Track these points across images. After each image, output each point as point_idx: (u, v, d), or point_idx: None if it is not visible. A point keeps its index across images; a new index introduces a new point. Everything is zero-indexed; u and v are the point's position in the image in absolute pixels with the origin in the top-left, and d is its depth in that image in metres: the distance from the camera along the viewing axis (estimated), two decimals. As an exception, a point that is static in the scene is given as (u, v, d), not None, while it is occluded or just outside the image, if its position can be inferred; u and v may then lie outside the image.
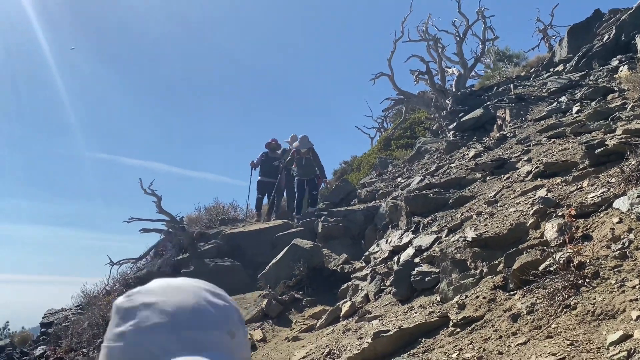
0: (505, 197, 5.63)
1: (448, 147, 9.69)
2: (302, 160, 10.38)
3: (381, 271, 6.00)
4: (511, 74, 14.86)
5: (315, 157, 10.72)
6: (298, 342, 5.52)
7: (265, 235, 9.65)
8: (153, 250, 10.27)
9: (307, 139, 10.60)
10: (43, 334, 9.34)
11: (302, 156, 10.35)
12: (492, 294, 3.82)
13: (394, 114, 19.54)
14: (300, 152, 10.36)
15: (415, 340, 3.97)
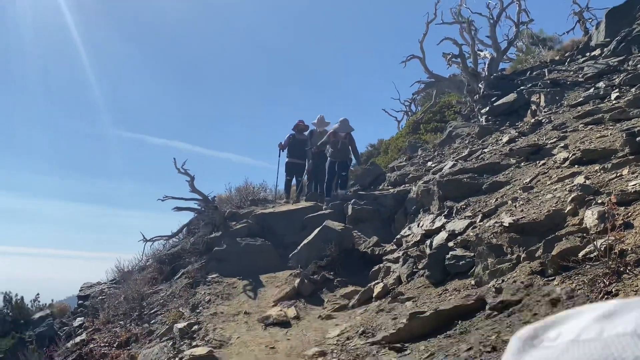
0: (541, 184, 5.61)
1: (480, 132, 9.62)
2: (338, 143, 10.18)
3: (413, 254, 6.06)
4: (545, 58, 14.56)
5: (352, 143, 10.57)
6: (331, 320, 5.65)
7: (295, 216, 9.76)
8: (185, 228, 10.50)
9: (348, 123, 10.38)
10: (80, 306, 9.69)
11: (338, 139, 10.14)
12: (529, 279, 3.86)
13: (423, 97, 19.37)
14: (338, 134, 10.14)
15: (451, 322, 4.04)
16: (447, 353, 3.49)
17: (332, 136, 10.20)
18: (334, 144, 10.17)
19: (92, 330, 7.91)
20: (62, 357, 7.23)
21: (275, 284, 7.47)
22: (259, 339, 5.46)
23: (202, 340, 5.53)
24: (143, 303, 7.98)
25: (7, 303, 13.64)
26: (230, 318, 6.34)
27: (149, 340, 6.43)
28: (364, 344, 4.48)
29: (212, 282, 7.74)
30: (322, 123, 11.38)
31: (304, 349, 4.88)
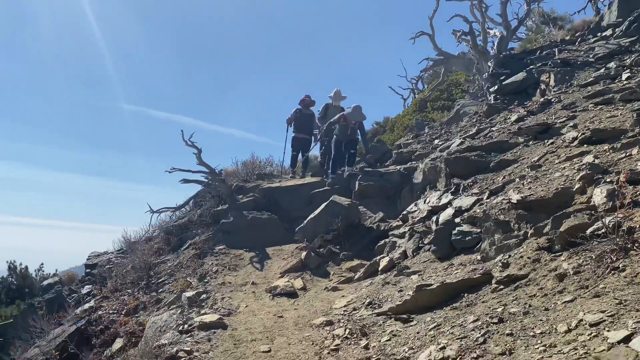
0: (549, 162, 5.63)
1: (489, 111, 9.60)
2: (347, 129, 10.00)
3: (419, 230, 6.13)
4: (555, 37, 14.40)
5: (362, 130, 10.43)
6: (337, 292, 5.75)
7: (302, 191, 9.83)
8: (192, 201, 10.58)
9: (360, 111, 10.17)
10: (88, 275, 9.84)
11: (348, 125, 9.96)
12: (536, 255, 3.92)
13: (430, 75, 19.24)
14: (349, 120, 9.95)
15: (457, 295, 4.12)
16: (453, 323, 3.57)
17: (343, 119, 10.02)
18: (343, 128, 10.02)
19: (100, 298, 8.06)
20: (71, 322, 7.38)
21: (282, 257, 7.58)
22: (267, 308, 5.57)
23: (211, 308, 5.64)
24: (150, 272, 8.11)
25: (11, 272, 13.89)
26: (238, 288, 6.45)
27: (157, 308, 6.56)
28: (370, 315, 4.58)
29: (219, 254, 7.85)
30: (338, 97, 11.25)
31: (311, 319, 4.98)
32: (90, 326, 6.91)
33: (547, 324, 2.95)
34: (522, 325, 3.06)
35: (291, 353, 4.29)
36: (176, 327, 5.15)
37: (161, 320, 5.62)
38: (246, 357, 4.35)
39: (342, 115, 10.05)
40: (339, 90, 11.30)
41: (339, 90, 11.30)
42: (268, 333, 4.81)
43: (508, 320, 3.22)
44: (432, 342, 3.43)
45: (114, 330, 6.53)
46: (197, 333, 4.89)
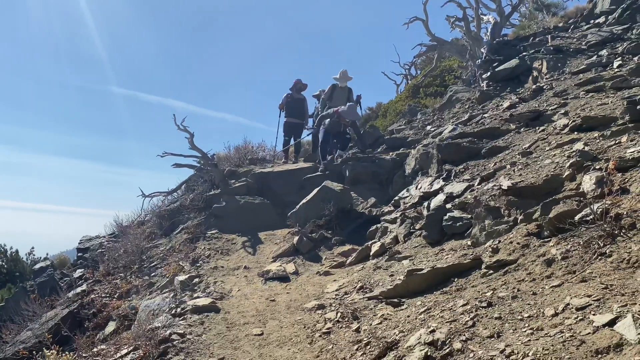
0: (540, 149, 5.68)
1: (481, 97, 9.63)
2: (340, 125, 9.76)
3: (411, 215, 6.18)
4: (548, 24, 14.41)
5: (355, 129, 10.20)
6: (329, 276, 5.80)
7: (294, 176, 9.85)
8: (184, 185, 10.58)
9: (355, 110, 9.96)
10: (80, 258, 9.85)
11: (341, 122, 9.72)
12: (526, 240, 3.98)
13: (423, 61, 19.21)
14: (343, 118, 9.67)
15: (447, 279, 4.18)
16: (443, 307, 3.63)
17: (337, 116, 9.74)
18: (335, 124, 9.77)
19: (92, 282, 8.09)
20: (63, 306, 7.40)
21: (274, 241, 7.62)
22: (259, 292, 5.62)
23: (203, 292, 5.68)
24: (143, 257, 8.14)
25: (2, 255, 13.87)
26: (230, 272, 6.49)
27: (150, 292, 6.60)
28: (362, 299, 4.63)
29: (211, 238, 7.88)
30: (345, 77, 10.95)
31: (303, 302, 5.04)
32: (82, 309, 6.94)
33: (535, 308, 3.01)
34: (511, 309, 3.12)
35: (283, 336, 4.34)
36: (169, 311, 5.19)
37: (154, 304, 5.65)
38: (239, 340, 4.40)
39: (336, 111, 9.85)
40: (346, 71, 10.96)
41: (346, 70, 10.96)
42: (260, 316, 4.86)
43: (497, 305, 3.28)
44: (422, 325, 3.49)
45: (107, 314, 6.57)
46: (190, 316, 4.93)
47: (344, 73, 10.95)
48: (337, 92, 10.85)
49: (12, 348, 6.60)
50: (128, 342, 4.71)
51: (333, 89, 10.93)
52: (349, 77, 11.00)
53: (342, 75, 10.94)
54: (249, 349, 4.22)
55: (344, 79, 10.92)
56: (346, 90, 10.85)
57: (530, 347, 2.60)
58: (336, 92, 10.87)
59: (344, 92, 10.77)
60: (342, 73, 10.95)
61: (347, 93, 10.81)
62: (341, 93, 10.78)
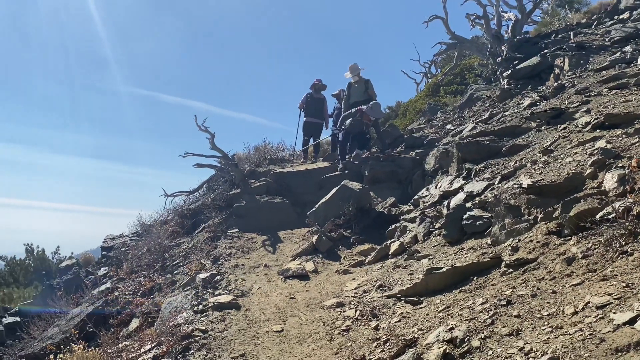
0: (561, 147, 5.63)
1: (502, 95, 9.55)
2: (362, 125, 9.66)
3: (430, 214, 6.17)
4: (571, 20, 14.21)
5: (377, 128, 10.14)
6: (348, 275, 5.83)
7: (313, 175, 9.90)
8: (206, 185, 10.71)
9: (379, 108, 9.82)
10: (104, 257, 10.05)
11: (364, 120, 9.60)
12: (546, 239, 3.96)
13: (444, 59, 19.11)
14: (366, 116, 9.55)
15: (466, 278, 4.18)
16: (462, 306, 3.63)
17: (359, 114, 9.62)
18: (357, 122, 9.65)
19: (116, 280, 8.24)
20: (88, 302, 7.57)
21: (293, 240, 7.68)
22: (279, 289, 5.68)
23: (225, 289, 5.76)
24: (165, 255, 8.27)
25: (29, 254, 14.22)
26: (251, 270, 6.57)
27: (172, 290, 6.71)
28: (381, 297, 4.65)
29: (232, 237, 7.97)
30: (355, 70, 10.56)
31: (322, 300, 5.08)
32: (107, 306, 7.09)
33: (555, 306, 3.00)
34: (530, 308, 3.12)
35: (303, 333, 4.39)
36: (191, 308, 5.28)
37: (176, 301, 5.75)
38: (259, 337, 4.46)
39: (359, 110, 9.70)
40: (354, 64, 10.58)
41: (354, 64, 10.58)
42: (280, 314, 4.92)
43: (516, 303, 3.27)
44: (441, 323, 3.50)
45: (130, 311, 6.70)
46: (211, 313, 5.01)
47: (353, 67, 10.57)
48: (354, 88, 10.55)
49: (40, 344, 6.77)
50: (151, 338, 4.81)
51: (349, 88, 10.64)
52: (359, 69, 10.59)
53: (351, 70, 10.58)
54: (269, 345, 4.28)
55: (354, 72, 10.55)
56: (362, 82, 10.47)
57: (549, 345, 2.60)
58: (353, 89, 10.57)
59: (361, 86, 10.43)
60: (351, 68, 10.59)
61: (363, 86, 10.43)
62: (357, 88, 10.47)
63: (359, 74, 10.53)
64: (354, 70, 10.54)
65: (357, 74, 10.52)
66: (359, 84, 10.46)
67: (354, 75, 10.54)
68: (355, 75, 10.53)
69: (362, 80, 10.46)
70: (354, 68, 10.54)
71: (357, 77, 10.52)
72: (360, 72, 10.54)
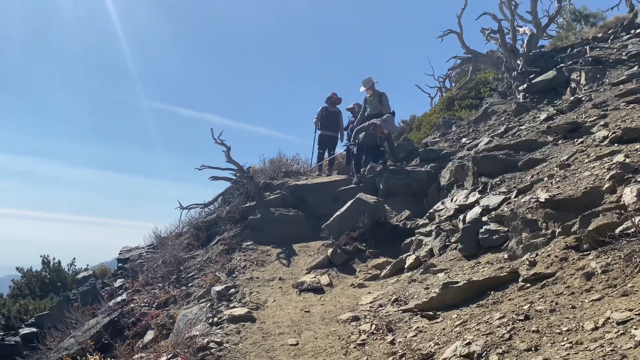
0: (578, 161, 5.59)
1: (517, 109, 9.51)
2: (376, 137, 9.65)
3: (446, 228, 6.15)
4: (587, 35, 14.15)
5: (390, 142, 10.16)
6: (363, 288, 5.82)
7: (328, 188, 9.91)
8: (221, 197, 10.77)
9: (393, 121, 9.83)
10: (120, 269, 10.13)
11: (377, 133, 9.62)
12: (564, 253, 3.92)
13: (458, 73, 19.10)
14: (380, 129, 9.56)
15: (483, 292, 4.14)
16: (479, 320, 3.60)
17: (373, 127, 9.62)
18: (371, 136, 9.65)
19: (132, 291, 8.29)
20: (104, 314, 7.62)
21: (308, 253, 7.68)
22: (294, 303, 5.68)
23: (239, 302, 5.78)
24: (180, 267, 8.31)
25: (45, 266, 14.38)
26: (266, 283, 6.58)
27: (187, 302, 6.74)
28: (396, 311, 4.63)
29: (247, 249, 8.00)
30: (369, 83, 10.58)
31: (337, 314, 5.06)
32: (122, 318, 7.13)
33: (574, 322, 2.97)
34: (549, 323, 3.09)
35: (318, 346, 4.38)
36: (206, 320, 5.30)
37: (191, 313, 5.77)
38: (274, 350, 4.45)
39: (373, 123, 9.70)
40: (368, 78, 10.60)
41: (368, 78, 10.59)
42: (295, 327, 4.91)
43: (534, 318, 3.24)
44: (458, 337, 3.47)
45: (146, 323, 6.73)
46: (226, 325, 5.02)
47: (366, 81, 10.60)
48: (369, 102, 10.62)
49: (56, 354, 6.83)
50: (167, 349, 4.83)
51: (365, 102, 10.74)
52: (372, 82, 10.61)
53: (364, 84, 10.62)
54: (284, 358, 4.27)
55: (367, 85, 10.59)
56: (377, 96, 10.52)
57: (569, 360, 2.57)
58: (368, 102, 10.65)
59: (375, 99, 10.48)
60: (364, 82, 10.63)
61: (377, 99, 10.48)
62: (373, 101, 10.52)
63: (371, 86, 10.57)
64: (366, 83, 10.60)
65: (369, 87, 10.57)
66: (374, 97, 10.53)
67: (367, 88, 10.60)
68: (367, 88, 10.59)
69: (376, 93, 10.54)
70: (366, 82, 10.60)
71: (371, 90, 10.58)
72: (373, 85, 10.57)
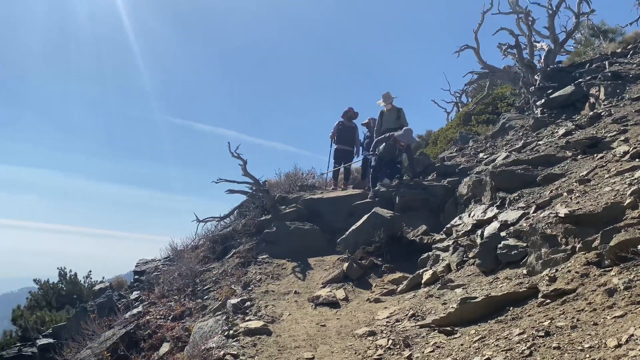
0: (598, 177, 5.52)
1: (535, 124, 9.44)
2: (395, 149, 9.61)
3: (464, 243, 6.09)
4: (605, 50, 14.04)
5: (409, 154, 10.17)
6: (380, 303, 5.77)
7: (343, 202, 9.90)
8: (237, 211, 10.82)
9: (411, 134, 9.78)
10: (136, 281, 10.18)
11: (396, 145, 9.58)
12: (585, 269, 3.86)
13: (475, 88, 19.06)
14: (399, 142, 9.53)
15: (502, 308, 4.08)
16: (498, 336, 3.55)
17: (392, 140, 9.61)
18: (390, 147, 9.62)
19: (148, 304, 8.32)
20: (120, 326, 7.65)
21: (323, 267, 7.66)
22: (310, 316, 5.65)
23: (255, 315, 5.77)
24: (196, 280, 8.33)
25: (62, 278, 14.51)
26: (281, 296, 6.56)
27: (203, 315, 6.74)
28: (413, 327, 4.58)
29: (262, 263, 8.00)
30: (388, 98, 10.75)
31: (353, 328, 5.03)
32: (138, 330, 7.15)
33: (596, 339, 2.91)
34: (570, 339, 3.03)
35: (334, 361, 4.34)
36: (222, 333, 5.29)
37: (207, 326, 5.77)
38: (290, 364, 4.43)
39: (392, 135, 9.71)
40: (387, 93, 10.79)
41: (387, 92, 10.80)
42: (311, 341, 4.88)
43: (555, 334, 3.18)
44: (477, 353, 3.42)
45: (161, 335, 6.74)
46: (242, 338, 5.01)
47: (386, 95, 10.76)
48: (386, 116, 10.74)
49: (73, 365, 6.87)
50: (183, 361, 4.82)
51: (382, 116, 10.83)
52: (392, 98, 10.77)
53: (384, 98, 10.77)
54: (300, 372, 4.24)
55: (387, 100, 10.74)
56: (394, 111, 10.65)
57: (591, 378, 2.51)
58: (385, 117, 10.76)
59: (393, 114, 10.62)
60: (384, 96, 10.77)
61: (395, 114, 10.61)
62: (390, 116, 10.65)
63: (392, 102, 10.68)
64: (387, 98, 10.71)
65: (390, 102, 10.68)
66: (391, 112, 10.64)
67: (387, 103, 10.69)
68: (388, 103, 10.68)
69: (394, 108, 10.66)
70: (387, 96, 10.72)
71: (390, 105, 10.68)
72: (393, 101, 10.64)
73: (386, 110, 10.74)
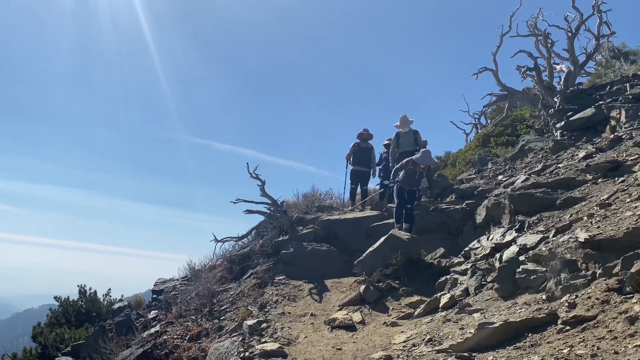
0: (619, 201, 5.45)
1: (555, 147, 9.37)
2: (415, 173, 9.28)
3: (482, 267, 6.03)
4: (626, 72, 13.92)
5: (429, 176, 10.17)
6: (396, 327, 5.72)
7: (360, 224, 9.88)
8: (254, 231, 10.86)
9: (429, 155, 9.44)
10: (154, 300, 10.23)
11: (416, 169, 9.26)
12: (605, 296, 3.79)
13: (494, 110, 19.00)
14: (418, 165, 9.21)
15: (520, 334, 4.02)
16: (517, 363, 3.49)
17: (411, 164, 9.28)
18: (410, 173, 9.27)
19: (165, 323, 8.36)
20: (138, 345, 7.68)
21: (340, 289, 7.63)
22: (326, 339, 5.62)
23: (271, 337, 5.76)
24: (213, 300, 8.36)
25: (82, 296, 14.66)
26: (297, 318, 6.54)
27: (219, 335, 6.75)
28: (430, 351, 4.52)
29: (279, 284, 8.00)
30: (405, 122, 10.79)
31: (369, 352, 4.98)
32: (155, 350, 7.18)
33: (617, 368, 2.85)
34: (590, 368, 2.97)
35: (350, 385, 4.31)
36: (237, 354, 5.29)
37: (223, 347, 5.78)
38: (305, 387, 4.40)
39: (410, 160, 9.42)
40: (405, 115, 10.83)
41: (405, 115, 10.83)
42: (327, 364, 4.85)
43: (575, 362, 3.12)
44: (494, 381, 3.37)
45: (178, 355, 6.76)
46: (258, 360, 5.00)
47: (404, 118, 10.81)
48: (402, 138, 10.78)
49: (90, 384, 6.90)
50: (198, 383, 4.83)
51: (398, 138, 10.87)
52: (409, 121, 10.83)
53: (402, 121, 10.82)
54: (315, 396, 4.21)
55: (405, 124, 10.79)
56: (411, 133, 10.71)
57: (612, 409, 2.46)
58: (401, 139, 10.80)
59: (410, 136, 10.68)
60: (402, 119, 10.82)
61: (412, 136, 10.67)
62: (407, 138, 10.70)
63: (409, 125, 10.75)
64: (404, 122, 10.75)
65: (407, 126, 10.73)
66: (408, 134, 10.67)
67: (405, 126, 10.72)
68: (405, 125, 10.73)
69: (411, 130, 10.66)
70: (404, 120, 10.76)
71: (407, 128, 10.71)
72: (411, 124, 10.73)
73: (402, 131, 10.79)
